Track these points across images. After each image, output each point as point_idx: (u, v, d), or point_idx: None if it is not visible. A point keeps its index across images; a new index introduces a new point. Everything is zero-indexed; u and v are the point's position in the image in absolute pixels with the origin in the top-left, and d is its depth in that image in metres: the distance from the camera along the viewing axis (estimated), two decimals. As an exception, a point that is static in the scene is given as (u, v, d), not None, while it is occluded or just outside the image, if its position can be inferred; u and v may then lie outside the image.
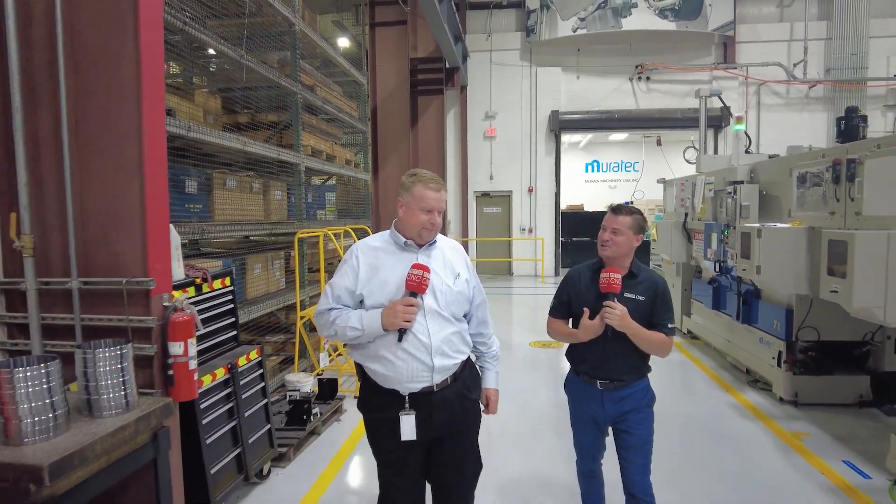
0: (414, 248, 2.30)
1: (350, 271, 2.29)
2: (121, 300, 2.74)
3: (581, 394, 2.73)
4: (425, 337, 2.21)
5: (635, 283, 2.62)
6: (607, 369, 2.63)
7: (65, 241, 2.74)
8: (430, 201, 2.23)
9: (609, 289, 2.52)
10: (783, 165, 5.11)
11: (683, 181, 7.41)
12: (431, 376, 2.23)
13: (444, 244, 2.41)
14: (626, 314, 2.51)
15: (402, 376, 2.21)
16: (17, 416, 2.00)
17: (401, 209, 2.30)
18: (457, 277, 2.34)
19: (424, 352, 2.21)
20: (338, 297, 2.29)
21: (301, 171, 5.82)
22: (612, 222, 2.61)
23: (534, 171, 14.83)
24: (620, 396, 2.64)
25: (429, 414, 2.24)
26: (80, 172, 2.72)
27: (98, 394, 2.27)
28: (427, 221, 2.24)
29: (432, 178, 2.28)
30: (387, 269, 2.26)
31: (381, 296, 2.23)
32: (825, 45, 14.07)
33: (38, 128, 2.74)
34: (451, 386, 2.29)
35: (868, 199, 3.78)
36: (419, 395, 2.23)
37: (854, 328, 4.83)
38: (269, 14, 5.54)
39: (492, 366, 2.56)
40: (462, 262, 2.43)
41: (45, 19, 2.72)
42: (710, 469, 3.92)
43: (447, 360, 2.26)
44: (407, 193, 2.27)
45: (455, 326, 2.31)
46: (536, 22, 14.16)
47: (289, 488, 3.69)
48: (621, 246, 2.59)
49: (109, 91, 2.71)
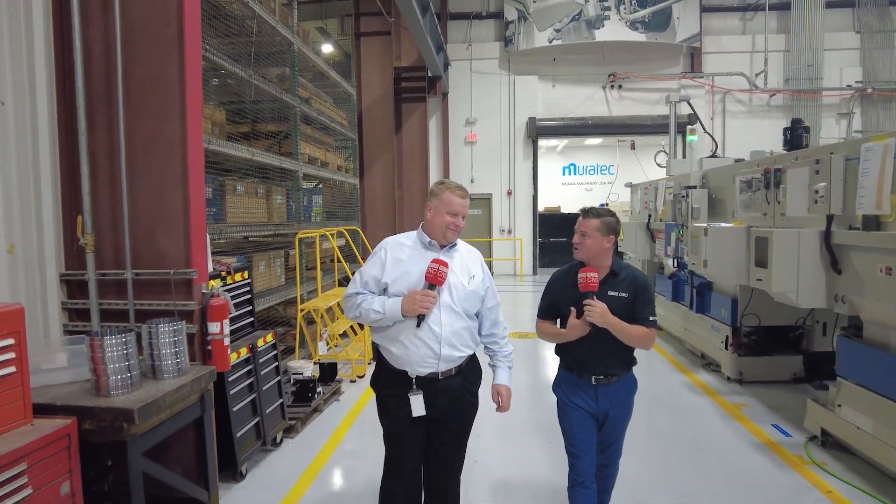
0: (437, 248, 2.54)
1: (378, 262, 2.54)
2: (164, 288, 3.32)
3: (574, 387, 2.77)
4: (437, 327, 2.45)
5: (617, 281, 2.70)
6: (599, 365, 2.69)
7: (119, 240, 3.30)
8: (456, 206, 2.50)
9: (587, 287, 2.61)
10: (728, 172, 5.82)
11: (647, 185, 8.13)
12: (438, 363, 2.46)
13: (463, 248, 2.65)
14: (607, 311, 2.59)
15: (413, 359, 2.45)
16: (106, 374, 2.57)
17: (429, 212, 2.55)
18: (472, 278, 2.57)
19: (435, 340, 2.44)
20: (366, 283, 2.54)
21: (299, 177, 6.39)
22: (580, 225, 2.70)
23: (512, 174, 15.50)
24: (612, 391, 2.72)
25: (433, 397, 2.48)
26: (131, 183, 3.27)
27: (160, 360, 2.84)
28: (452, 223, 2.50)
29: (458, 187, 2.56)
30: (410, 262, 2.50)
31: (403, 285, 2.47)
32: (784, 57, 14.96)
33: (96, 147, 3.30)
34: (455, 377, 2.53)
35: (789, 203, 4.49)
36: (425, 379, 2.47)
37: (789, 314, 5.55)
38: (269, 33, 6.10)
39: (503, 364, 2.71)
40: (478, 265, 2.65)
41: (104, 56, 3.28)
42: (664, 436, 4.57)
43: (455, 351, 2.49)
44: (436, 199, 2.53)
45: (465, 322, 2.53)
46: (514, 32, 14.85)
47: (299, 454, 4.27)
48: (590, 248, 2.67)
49: (157, 116, 3.28)
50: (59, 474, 2.32)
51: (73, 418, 2.41)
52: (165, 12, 3.25)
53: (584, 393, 2.73)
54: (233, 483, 3.74)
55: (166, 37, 3.25)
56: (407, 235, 2.63)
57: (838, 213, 3.88)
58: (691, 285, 6.35)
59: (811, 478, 3.76)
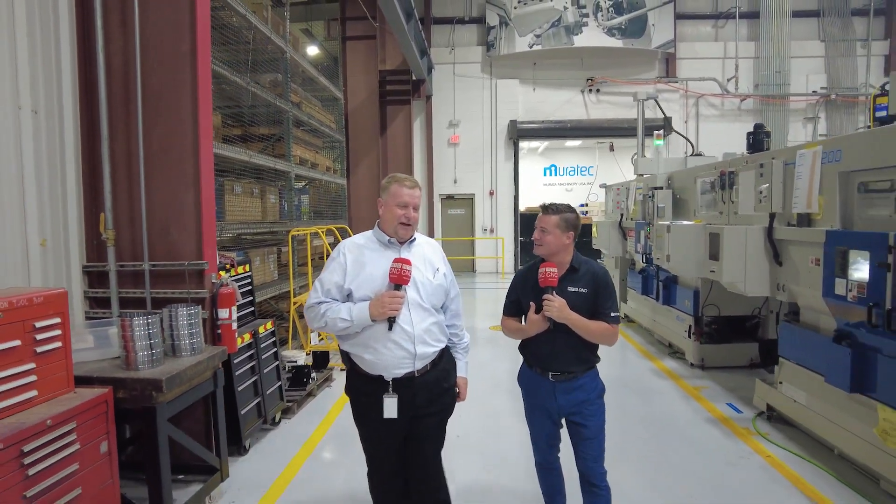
0: (396, 245, 2.49)
1: (338, 267, 2.46)
2: (177, 278, 3.70)
3: (534, 386, 2.79)
4: (409, 326, 2.40)
5: (577, 277, 2.69)
6: (557, 362, 2.69)
7: (136, 235, 3.67)
8: (405, 196, 2.44)
9: (546, 283, 2.60)
10: (690, 174, 6.32)
11: (619, 186, 8.63)
12: (413, 363, 2.42)
13: (424, 241, 2.61)
14: (565, 306, 2.58)
15: (388, 363, 2.40)
16: (135, 350, 2.94)
17: (381, 209, 2.50)
18: (436, 272, 2.54)
19: (408, 340, 2.40)
20: (327, 290, 2.45)
21: (292, 177, 6.76)
22: (540, 221, 2.71)
23: (494, 175, 15.97)
24: (571, 388, 2.70)
25: (411, 396, 2.44)
26: (148, 183, 3.64)
27: (179, 340, 3.21)
28: (402, 215, 2.43)
29: (406, 178, 2.50)
30: (372, 264, 2.43)
31: (368, 289, 2.40)
32: (754, 63, 15.62)
33: (116, 151, 3.66)
34: (431, 372, 2.49)
35: (741, 202, 4.97)
36: (402, 379, 2.43)
37: (745, 304, 6.05)
38: (262, 42, 6.46)
39: (462, 356, 2.73)
40: (440, 258, 2.63)
41: (122, 69, 3.64)
42: (630, 415, 5.02)
43: (428, 347, 2.46)
44: (385, 193, 2.49)
45: (435, 317, 2.50)
46: (496, 37, 15.32)
47: (296, 432, 4.66)
48: (550, 244, 2.68)
49: (171, 123, 3.66)
50: (99, 435, 2.69)
51: (109, 388, 2.78)
52: (179, 31, 3.62)
53: (541, 390, 2.75)
54: (237, 456, 4.12)
55: (180, 53, 3.62)
56: (363, 235, 2.56)
57: (779, 212, 4.37)
58: (658, 279, 6.84)
59: (754, 445, 4.24)
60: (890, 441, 3.28)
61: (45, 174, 3.37)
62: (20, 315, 2.46)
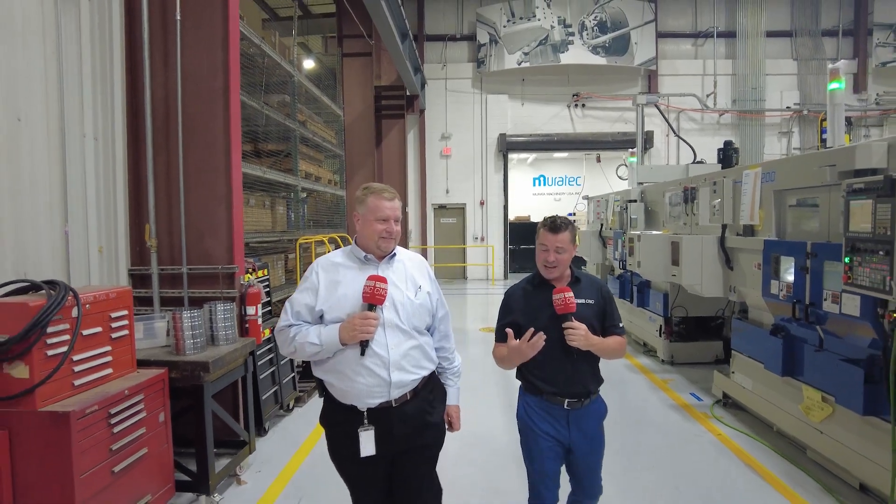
0: (374, 261, 2.28)
1: (310, 288, 2.26)
2: (211, 280, 4.30)
3: (543, 413, 2.54)
4: (383, 351, 2.18)
5: (581, 288, 2.55)
6: (575, 385, 2.50)
7: (174, 242, 4.26)
8: (385, 210, 2.23)
9: (566, 310, 2.39)
10: (660, 189, 7.00)
11: (599, 198, 9.31)
12: (389, 391, 2.18)
13: (406, 257, 2.39)
14: (588, 332, 2.41)
15: (360, 391, 2.18)
16: (184, 339, 3.54)
17: (357, 223, 2.29)
18: (418, 290, 2.31)
19: (382, 366, 2.17)
20: (297, 312, 2.26)
21: (299, 190, 7.37)
22: (554, 241, 2.48)
23: (485, 186, 16.64)
24: (584, 415, 2.54)
25: (388, 429, 2.20)
26: (186, 198, 4.24)
27: (217, 332, 3.81)
28: (384, 230, 2.23)
29: (384, 189, 2.27)
30: (346, 283, 2.23)
31: (340, 311, 2.20)
32: (731, 80, 16.43)
33: (158, 170, 4.26)
34: (412, 401, 2.25)
35: (701, 215, 5.64)
36: (378, 410, 2.20)
37: (710, 306, 6.71)
38: (272, 66, 7.08)
39: (453, 382, 2.50)
40: (424, 274, 2.40)
41: (163, 100, 4.25)
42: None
43: (406, 375, 2.21)
44: (362, 206, 2.26)
45: (416, 340, 2.26)
46: (486, 55, 16.04)
47: (307, 418, 5.24)
48: (566, 263, 2.52)
49: (206, 146, 4.27)
50: (158, 406, 3.28)
51: (165, 368, 3.37)
52: (214, 69, 4.24)
53: (553, 419, 2.52)
54: (259, 436, 4.70)
55: (214, 87, 4.24)
56: (339, 252, 2.35)
57: (730, 223, 5.04)
58: (632, 284, 7.50)
59: (709, 426, 4.89)
60: (811, 415, 3.93)
61: (102, 192, 3.96)
62: (101, 307, 3.05)
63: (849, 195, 3.21)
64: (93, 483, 2.75)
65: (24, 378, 2.64)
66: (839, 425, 3.72)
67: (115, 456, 2.90)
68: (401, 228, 2.32)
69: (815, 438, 3.98)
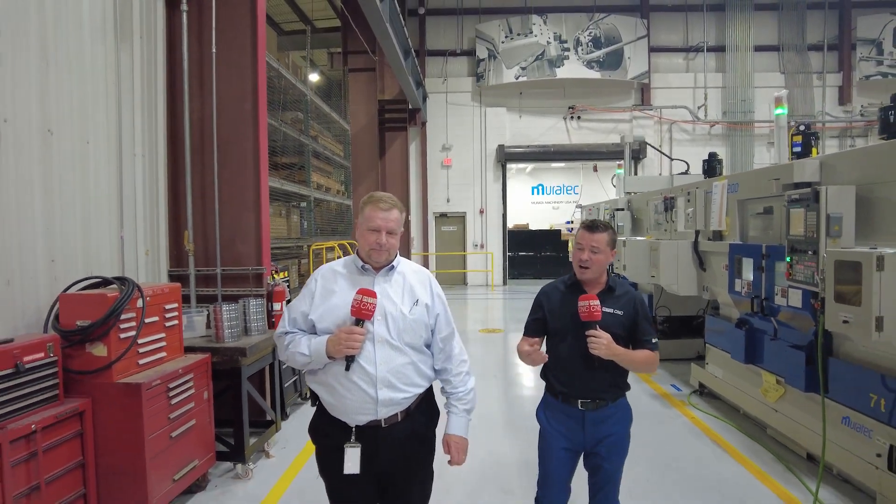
0: (371, 272, 2.23)
1: (307, 295, 2.24)
2: (241, 280, 4.87)
3: (558, 416, 2.56)
4: (371, 367, 2.11)
5: (614, 298, 2.51)
6: (588, 388, 2.50)
7: (209, 247, 4.83)
8: (377, 221, 2.15)
9: (591, 317, 2.38)
10: (644, 198, 7.59)
11: (591, 207, 9.90)
12: (376, 409, 2.11)
13: (408, 269, 2.30)
14: (612, 342, 2.38)
15: (348, 407, 2.12)
16: (223, 328, 4.11)
17: (356, 231, 2.28)
18: (415, 304, 2.21)
19: (369, 382, 2.10)
20: (293, 319, 2.25)
21: (311, 200, 7.96)
22: (590, 241, 2.47)
23: (484, 195, 17.25)
24: (602, 418, 2.51)
25: (375, 449, 2.13)
26: (220, 208, 4.82)
27: (250, 323, 4.38)
28: (374, 242, 2.15)
29: (383, 198, 2.19)
30: (340, 293, 2.18)
31: (330, 321, 2.15)
32: (721, 93, 17.07)
33: (195, 183, 4.84)
34: (403, 423, 2.17)
35: (678, 222, 6.23)
36: (366, 427, 2.13)
37: (692, 306, 7.27)
38: (287, 86, 7.69)
39: (458, 409, 2.30)
40: (426, 288, 2.29)
41: (199, 122, 4.84)
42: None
43: (395, 392, 2.13)
44: (360, 214, 2.22)
45: (408, 357, 2.17)
46: (485, 69, 16.70)
47: (323, 406, 5.80)
48: (601, 264, 2.49)
49: (237, 162, 4.85)
50: (203, 385, 3.85)
51: (208, 353, 3.94)
52: (244, 95, 4.84)
53: (569, 420, 2.53)
54: (282, 419, 5.26)
55: (245, 111, 4.84)
56: (342, 261, 2.32)
57: (702, 229, 5.62)
58: (621, 286, 8.07)
59: (684, 411, 5.45)
60: (768, 396, 4.50)
61: (148, 203, 4.55)
62: (158, 300, 3.63)
63: (789, 204, 3.79)
64: (157, 444, 3.32)
65: (102, 356, 3.22)
66: (790, 403, 4.28)
67: (172, 424, 3.47)
68: (398, 240, 2.23)
69: (772, 417, 4.54)
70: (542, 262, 18.73)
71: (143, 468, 3.21)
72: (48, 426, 2.90)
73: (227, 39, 4.81)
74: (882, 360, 3.37)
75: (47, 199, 3.48)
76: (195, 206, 4.84)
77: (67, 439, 3.05)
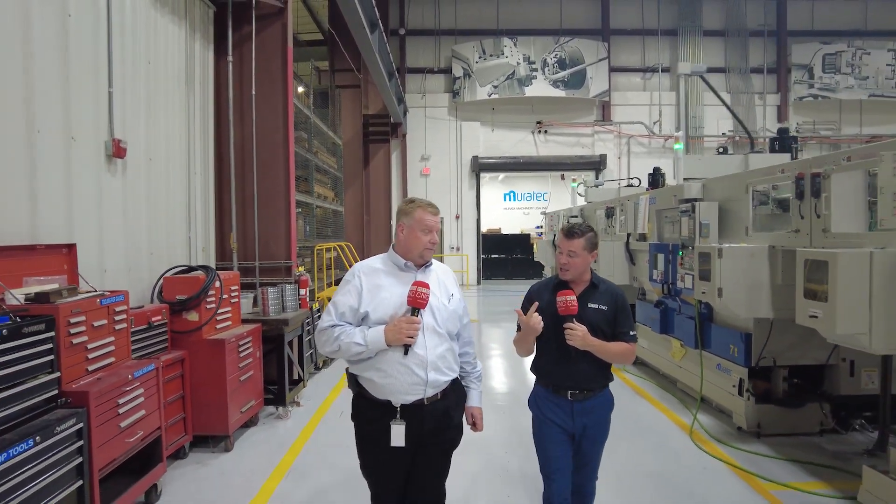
0: (413, 268, 2.45)
1: (353, 290, 2.41)
2: (275, 271, 6.22)
3: (549, 405, 2.72)
4: (423, 351, 2.34)
5: (598, 294, 2.70)
6: (574, 379, 2.66)
7: (248, 245, 6.18)
8: (430, 222, 2.41)
9: (567, 311, 2.57)
10: (593, 207, 9.13)
11: (552, 214, 11.45)
12: (425, 389, 2.35)
13: (437, 267, 2.55)
14: (587, 334, 2.56)
15: (398, 388, 2.34)
16: (268, 305, 5.47)
17: (401, 233, 2.43)
18: (451, 297, 2.49)
19: (421, 366, 2.33)
20: (342, 314, 2.40)
21: (314, 208, 9.31)
22: (567, 246, 2.65)
23: (460, 202, 18.73)
24: (589, 407, 2.68)
25: (419, 424, 2.36)
26: (258, 214, 6.17)
27: (287, 302, 5.74)
28: (429, 242, 2.41)
29: (429, 204, 2.43)
30: (388, 288, 2.40)
31: (384, 312, 2.36)
32: (674, 109, 18.84)
33: (237, 195, 6.18)
34: (440, 401, 2.42)
35: (617, 227, 7.75)
36: (410, 406, 2.35)
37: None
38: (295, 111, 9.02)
39: (476, 385, 2.64)
40: (454, 283, 2.58)
41: (240, 145, 6.18)
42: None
43: (441, 375, 2.39)
44: (408, 218, 2.41)
45: (448, 344, 2.43)
46: (461, 87, 18.20)
47: (334, 374, 7.15)
48: (578, 267, 2.66)
49: (272, 178, 6.20)
50: (257, 346, 5.19)
51: (259, 323, 5.29)
52: (276, 125, 6.19)
53: (560, 409, 2.70)
54: (300, 386, 6.61)
55: (277, 139, 6.20)
56: (378, 259, 2.53)
57: (631, 232, 7.16)
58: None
59: (620, 376, 6.95)
60: (675, 356, 6.03)
61: (202, 211, 5.87)
62: (227, 283, 4.97)
63: (681, 213, 5.32)
64: (232, 384, 4.66)
65: (195, 320, 4.56)
66: (689, 360, 5.81)
67: (241, 371, 4.81)
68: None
69: (679, 372, 6.07)
70: (514, 264, 20.31)
71: (226, 400, 4.56)
72: (167, 366, 4.23)
73: (265, 82, 6.17)
74: (736, 322, 4.90)
75: (150, 208, 4.81)
76: (238, 213, 6.18)
77: (174, 378, 4.38)
